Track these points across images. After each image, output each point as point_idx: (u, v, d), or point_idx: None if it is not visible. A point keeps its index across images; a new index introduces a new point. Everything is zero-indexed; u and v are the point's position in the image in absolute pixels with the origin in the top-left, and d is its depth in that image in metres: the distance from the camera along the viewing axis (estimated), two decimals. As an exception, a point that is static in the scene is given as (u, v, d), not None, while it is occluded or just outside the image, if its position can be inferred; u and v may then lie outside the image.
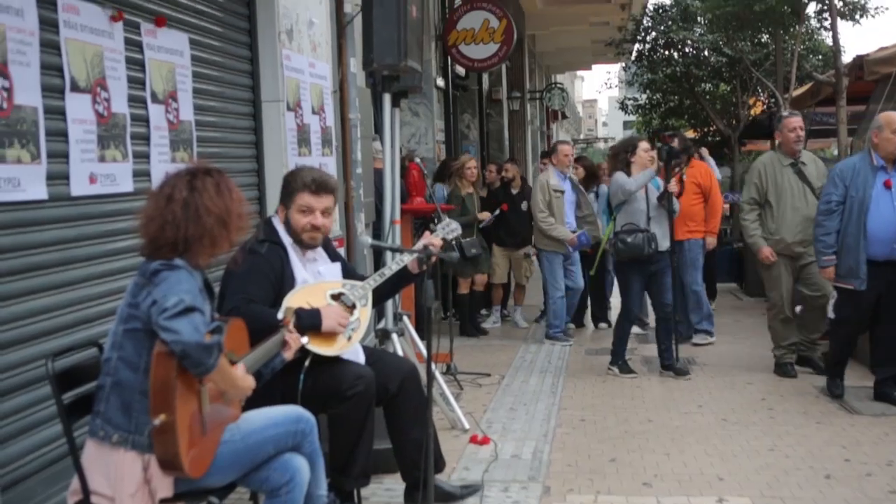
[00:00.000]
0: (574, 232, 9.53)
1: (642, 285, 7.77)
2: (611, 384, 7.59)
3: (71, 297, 3.92)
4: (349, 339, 4.10)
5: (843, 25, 14.29)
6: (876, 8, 14.90)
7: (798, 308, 7.77)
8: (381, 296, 4.53)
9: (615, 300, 9.92)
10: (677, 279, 8.67)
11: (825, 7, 13.85)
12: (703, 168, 9.28)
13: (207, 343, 2.96)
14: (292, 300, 4.00)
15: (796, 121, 7.65)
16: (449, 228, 4.70)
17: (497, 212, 10.13)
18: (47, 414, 3.67)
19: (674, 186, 7.79)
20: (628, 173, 7.76)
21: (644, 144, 7.95)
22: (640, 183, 7.64)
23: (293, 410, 3.51)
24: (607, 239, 7.89)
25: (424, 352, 5.98)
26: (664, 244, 7.69)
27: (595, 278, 10.10)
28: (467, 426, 6.12)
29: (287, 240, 4.21)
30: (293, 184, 4.23)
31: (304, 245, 4.22)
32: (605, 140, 59.66)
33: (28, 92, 3.55)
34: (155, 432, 2.98)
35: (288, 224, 4.23)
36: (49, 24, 3.76)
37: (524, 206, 10.31)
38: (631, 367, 7.93)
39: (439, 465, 4.64)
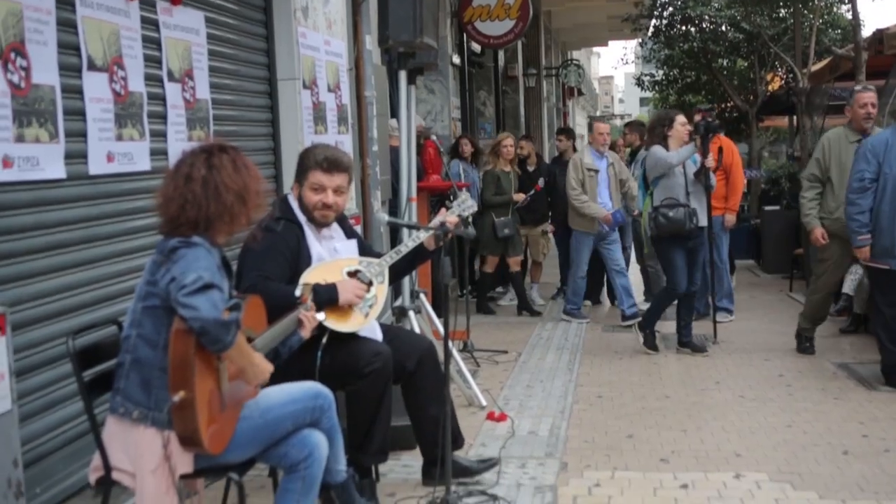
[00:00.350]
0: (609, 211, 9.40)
1: (685, 260, 7.60)
2: (627, 361, 7.59)
3: (91, 276, 3.95)
4: (366, 315, 4.11)
5: (862, -1, 14.13)
6: (896, -19, 14.76)
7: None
8: (397, 273, 4.53)
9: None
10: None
11: (844, -20, 13.71)
12: (724, 144, 9.15)
13: (225, 320, 2.97)
14: (309, 277, 4.01)
15: (868, 96, 7.19)
16: (465, 205, 4.70)
17: (532, 192, 9.98)
18: (68, 391, 3.71)
19: (711, 161, 7.69)
20: (665, 147, 7.60)
21: (681, 118, 7.78)
22: (681, 157, 7.50)
23: (311, 386, 3.52)
24: (646, 215, 7.74)
25: (441, 329, 6.02)
26: (702, 220, 7.61)
27: None
28: (484, 403, 6.14)
29: (302, 217, 4.21)
30: (306, 161, 4.23)
31: (316, 223, 4.23)
32: (622, 117, 59.34)
33: (46, 71, 3.57)
34: (174, 408, 3.00)
35: (301, 201, 4.23)
36: (65, 3, 3.77)
37: (540, 182, 10.31)
38: (656, 342, 7.85)
39: (458, 441, 4.66)
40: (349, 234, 4.45)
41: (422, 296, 6.12)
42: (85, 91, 3.90)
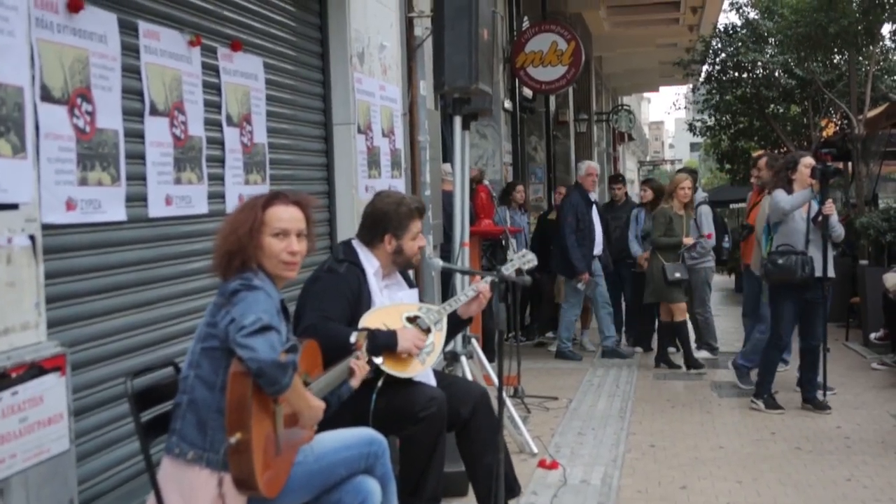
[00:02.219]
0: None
1: (795, 313, 7.16)
2: (679, 409, 7.49)
3: (148, 317, 3.99)
4: (423, 362, 4.12)
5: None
6: (954, 27, 14.60)
7: None
8: (449, 330, 4.52)
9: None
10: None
11: (901, 27, 13.58)
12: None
13: (283, 362, 2.98)
14: (368, 321, 4.03)
15: None
16: (525, 259, 4.70)
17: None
18: (124, 431, 3.73)
19: (829, 208, 7.16)
20: (789, 191, 7.14)
21: (806, 160, 7.26)
22: (794, 203, 7.05)
23: (365, 433, 3.52)
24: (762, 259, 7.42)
25: (493, 374, 5.99)
26: (819, 270, 7.09)
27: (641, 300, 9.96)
28: (535, 450, 6.08)
29: (370, 264, 4.26)
30: (401, 211, 4.32)
31: (409, 268, 4.39)
32: (672, 162, 59.07)
33: (110, 116, 3.64)
34: (230, 451, 3.01)
35: (399, 253, 4.32)
36: (130, 49, 3.85)
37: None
38: (778, 401, 7.36)
39: (515, 489, 4.63)
40: (409, 283, 4.49)
41: (473, 341, 6.10)
42: (146, 135, 3.97)
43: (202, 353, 3.14)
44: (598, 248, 9.85)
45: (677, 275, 9.03)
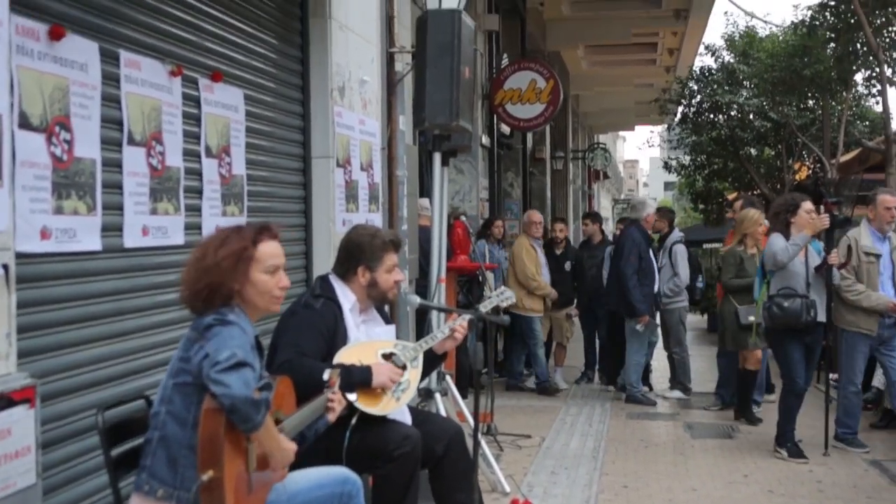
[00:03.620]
0: None
1: (802, 353, 7.01)
2: (653, 450, 7.47)
3: (121, 348, 3.93)
4: (398, 399, 4.08)
5: (892, 92, 14.21)
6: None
7: None
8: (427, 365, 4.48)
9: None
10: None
11: (874, 75, 13.80)
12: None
13: (256, 399, 2.94)
14: (344, 356, 3.99)
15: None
16: (503, 296, 4.69)
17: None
18: (92, 465, 3.66)
19: (834, 259, 7.01)
20: (787, 235, 7.00)
21: (807, 205, 7.07)
22: (791, 255, 6.93)
23: (339, 472, 3.47)
24: (761, 304, 7.26)
25: (466, 412, 5.96)
26: (821, 315, 6.98)
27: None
28: (508, 489, 6.03)
29: (346, 299, 4.23)
30: (375, 244, 4.29)
31: (384, 302, 4.31)
32: (646, 201, 59.29)
33: (88, 144, 3.60)
34: (202, 489, 2.95)
35: (374, 286, 4.27)
36: (111, 79, 3.82)
37: (567, 266, 10.34)
38: (801, 449, 7.11)
39: (485, 529, 4.58)
40: (386, 320, 4.46)
41: (447, 377, 6.06)
42: (124, 165, 3.93)
43: (174, 388, 3.09)
44: (656, 286, 9.58)
45: (751, 318, 8.20)
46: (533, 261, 9.93)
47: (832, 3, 13.02)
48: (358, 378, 3.90)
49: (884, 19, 12.41)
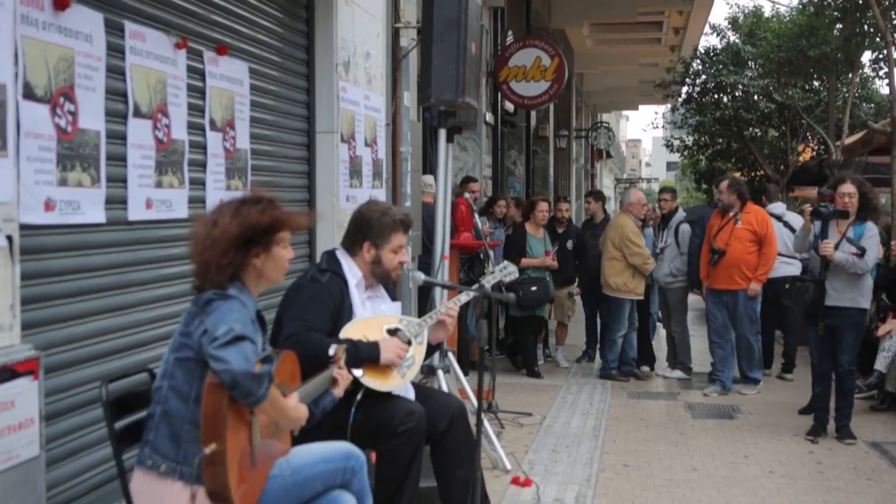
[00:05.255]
0: None
1: (816, 335, 7.10)
2: (653, 429, 7.47)
3: (124, 321, 3.93)
4: (403, 375, 4.07)
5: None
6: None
7: None
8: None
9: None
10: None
11: (881, 56, 13.72)
12: (759, 214, 9.02)
13: (257, 372, 2.92)
14: (349, 332, 3.98)
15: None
16: (507, 271, 4.66)
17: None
18: (96, 437, 3.67)
19: (825, 248, 6.93)
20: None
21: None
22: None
23: (343, 447, 3.46)
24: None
25: (468, 388, 5.96)
26: (838, 298, 6.97)
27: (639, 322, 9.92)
28: (509, 467, 6.04)
29: (352, 275, 4.20)
30: (385, 222, 4.23)
31: (387, 282, 4.27)
32: (648, 180, 59.38)
33: (92, 116, 3.58)
34: (205, 463, 2.94)
35: (377, 263, 4.24)
36: (116, 50, 3.79)
37: (569, 244, 10.30)
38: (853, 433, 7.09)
39: (486, 504, 4.58)
40: (393, 297, 4.44)
41: (450, 354, 6.06)
42: (129, 137, 3.91)
43: (176, 363, 3.07)
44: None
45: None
46: (642, 241, 9.70)
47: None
48: (366, 354, 3.90)
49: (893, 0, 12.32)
